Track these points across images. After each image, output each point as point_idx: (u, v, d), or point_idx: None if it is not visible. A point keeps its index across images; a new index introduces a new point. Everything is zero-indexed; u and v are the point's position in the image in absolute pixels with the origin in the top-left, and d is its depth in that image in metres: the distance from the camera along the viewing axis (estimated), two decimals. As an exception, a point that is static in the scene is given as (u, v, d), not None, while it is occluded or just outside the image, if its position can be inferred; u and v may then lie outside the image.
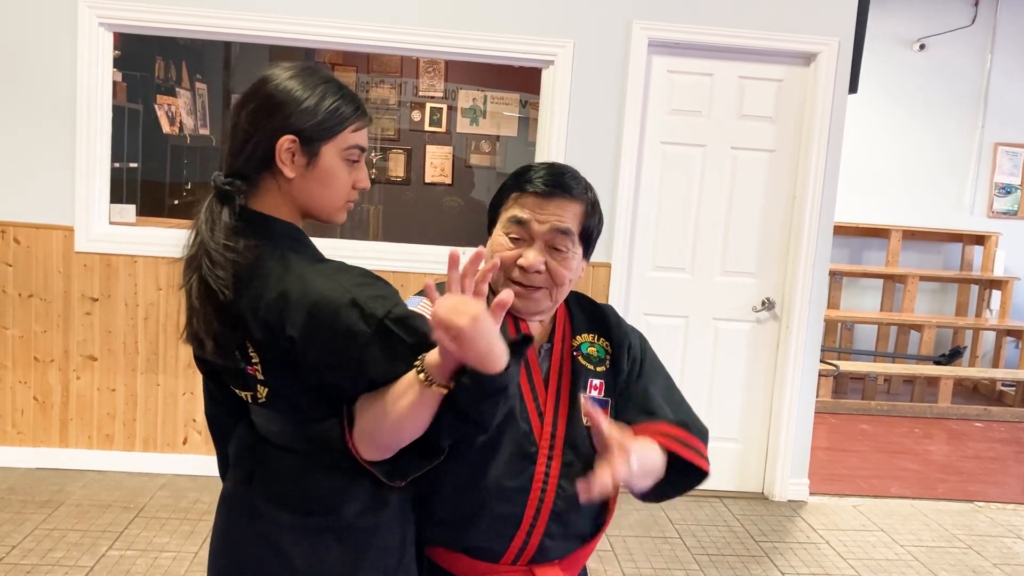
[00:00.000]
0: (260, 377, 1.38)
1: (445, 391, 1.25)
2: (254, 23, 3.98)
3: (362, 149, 1.42)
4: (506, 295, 1.21)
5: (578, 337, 1.61)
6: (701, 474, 1.58)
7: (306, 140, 1.35)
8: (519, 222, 1.52)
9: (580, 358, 1.59)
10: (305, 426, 1.40)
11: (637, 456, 1.33)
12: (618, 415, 1.59)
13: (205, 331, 1.35)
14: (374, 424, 1.32)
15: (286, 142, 1.34)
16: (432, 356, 1.24)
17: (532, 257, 1.50)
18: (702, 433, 1.61)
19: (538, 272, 1.51)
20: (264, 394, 1.40)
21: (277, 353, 1.33)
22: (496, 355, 1.22)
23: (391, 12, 4.02)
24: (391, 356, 1.28)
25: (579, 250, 1.55)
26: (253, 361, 1.37)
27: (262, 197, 1.39)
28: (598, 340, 1.62)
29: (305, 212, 1.42)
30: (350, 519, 1.40)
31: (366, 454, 1.35)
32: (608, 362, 1.60)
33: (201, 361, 1.55)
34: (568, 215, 1.52)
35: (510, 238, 1.53)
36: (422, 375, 1.24)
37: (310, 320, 1.29)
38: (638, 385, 1.62)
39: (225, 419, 1.59)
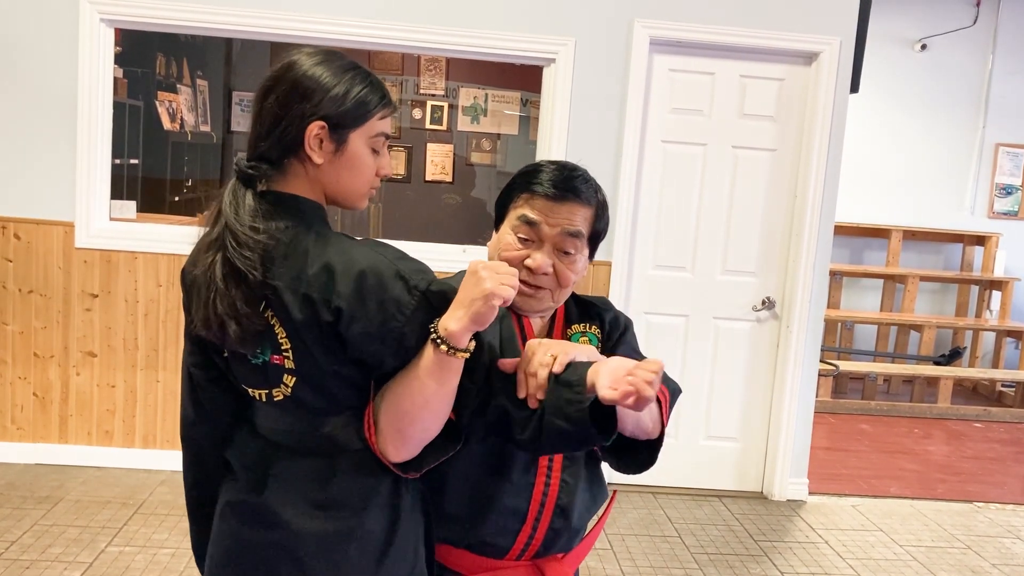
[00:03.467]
0: (289, 366, 1.35)
1: (467, 355, 1.30)
2: (255, 19, 3.98)
3: (387, 136, 1.43)
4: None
5: (570, 328, 1.62)
6: (658, 439, 1.54)
7: (335, 127, 1.35)
8: (529, 223, 1.52)
9: None
10: (322, 422, 1.38)
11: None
12: None
13: (229, 313, 1.32)
14: (398, 412, 1.33)
15: (315, 128, 1.34)
16: (448, 323, 1.29)
17: (540, 259, 1.51)
18: (671, 388, 1.58)
19: (545, 274, 1.52)
20: (291, 384, 1.37)
21: (318, 330, 1.31)
22: None
23: (393, 9, 4.01)
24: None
25: (586, 251, 1.57)
26: (283, 348, 1.35)
27: (288, 181, 1.38)
28: (590, 328, 1.63)
29: (330, 197, 1.42)
30: (369, 524, 1.39)
31: (393, 455, 1.36)
32: (600, 350, 1.61)
33: (200, 366, 1.51)
34: (579, 218, 1.53)
35: (519, 238, 1.54)
36: (443, 346, 1.28)
37: (358, 289, 1.29)
38: (618, 350, 1.62)
39: (209, 436, 1.55)
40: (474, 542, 1.54)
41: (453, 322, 1.28)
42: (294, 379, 1.36)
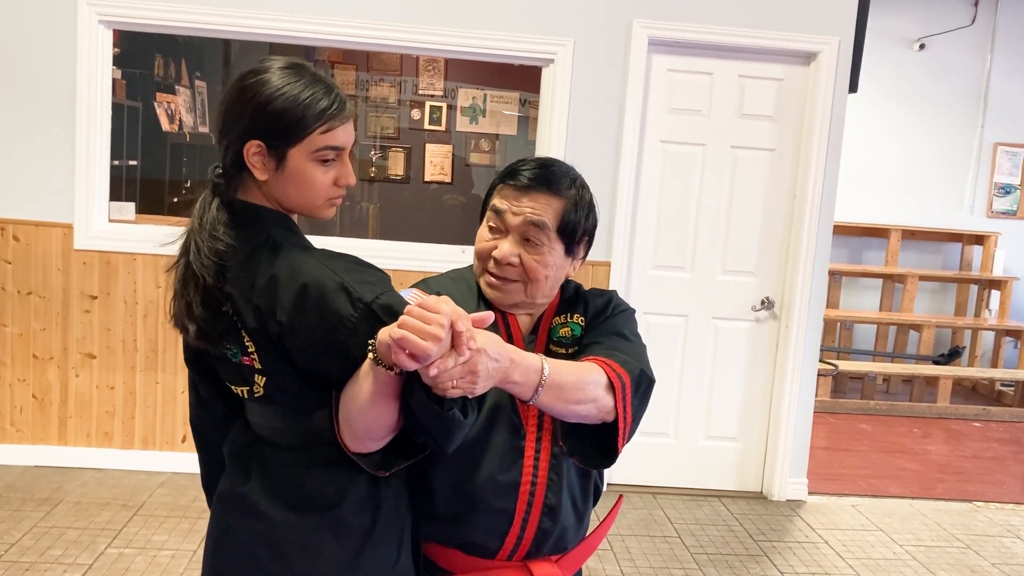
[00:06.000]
0: (258, 366, 1.39)
1: (394, 372, 1.23)
2: (253, 20, 3.97)
3: (337, 148, 1.38)
4: (487, 316, 1.21)
5: (553, 321, 1.60)
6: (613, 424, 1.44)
7: (272, 145, 1.34)
8: (497, 212, 1.52)
9: (552, 346, 1.58)
10: (302, 417, 1.40)
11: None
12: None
13: (187, 315, 1.37)
14: (347, 411, 1.32)
15: (252, 147, 1.34)
16: (383, 335, 1.22)
17: (505, 249, 1.50)
18: (632, 373, 1.46)
19: (511, 264, 1.50)
20: (262, 384, 1.40)
21: (270, 339, 1.34)
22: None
23: (391, 10, 4.01)
24: None
25: (559, 246, 1.52)
26: (249, 351, 1.38)
27: (247, 192, 1.41)
28: (571, 318, 1.60)
29: (286, 209, 1.42)
30: (347, 516, 1.40)
31: (350, 445, 1.36)
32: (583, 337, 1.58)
33: (193, 362, 1.56)
34: (544, 209, 1.50)
35: (489, 228, 1.54)
36: (371, 354, 1.24)
37: (298, 303, 1.30)
38: (591, 335, 1.57)
39: (210, 423, 1.58)
40: (463, 542, 1.53)
41: (385, 333, 1.20)
42: (264, 379, 1.39)
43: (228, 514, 1.48)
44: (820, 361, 5.18)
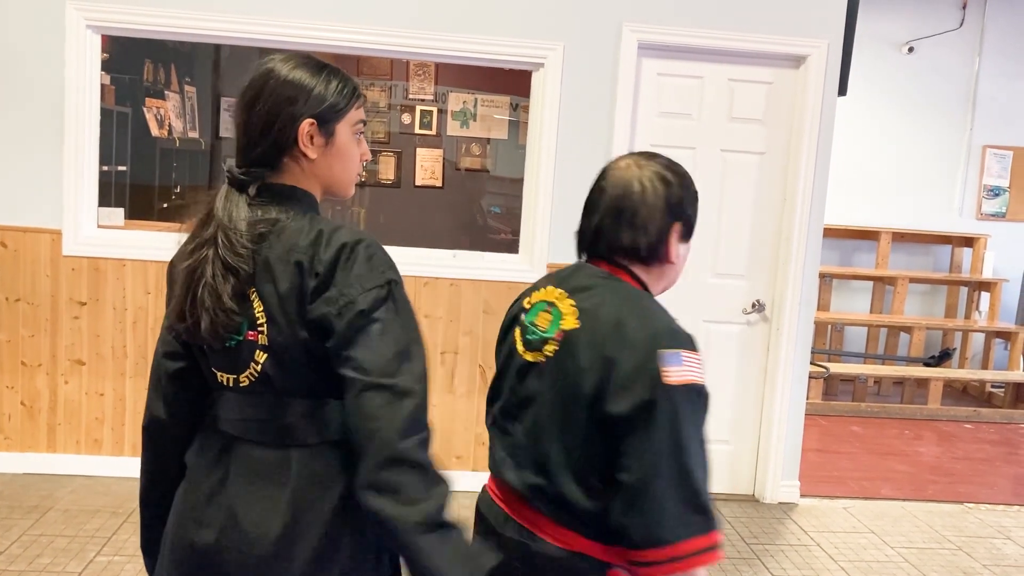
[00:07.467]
0: (263, 342, 1.39)
1: None
2: (243, 25, 3.96)
3: (365, 123, 1.54)
4: None
5: None
6: None
7: (323, 121, 1.45)
8: None
9: None
10: (282, 407, 1.40)
11: None
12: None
13: (213, 306, 1.39)
14: None
15: (307, 126, 1.44)
16: None
17: None
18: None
19: None
20: (261, 360, 1.39)
21: (300, 298, 1.37)
22: None
23: (381, 15, 4.01)
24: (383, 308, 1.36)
25: None
26: (259, 324, 1.39)
27: (284, 177, 1.47)
28: None
29: (325, 188, 1.52)
30: (323, 522, 1.39)
31: None
32: None
33: (173, 357, 1.54)
34: None
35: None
36: None
37: (335, 257, 1.37)
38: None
39: (170, 427, 1.56)
40: None
41: None
42: (265, 355, 1.40)
43: (195, 526, 1.44)
44: (811, 364, 5.19)
